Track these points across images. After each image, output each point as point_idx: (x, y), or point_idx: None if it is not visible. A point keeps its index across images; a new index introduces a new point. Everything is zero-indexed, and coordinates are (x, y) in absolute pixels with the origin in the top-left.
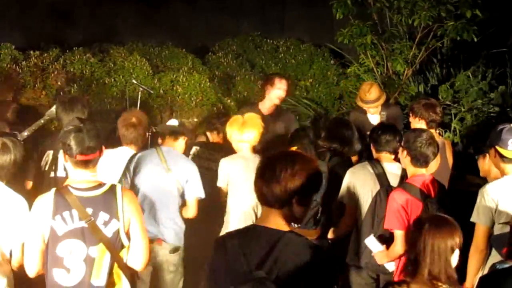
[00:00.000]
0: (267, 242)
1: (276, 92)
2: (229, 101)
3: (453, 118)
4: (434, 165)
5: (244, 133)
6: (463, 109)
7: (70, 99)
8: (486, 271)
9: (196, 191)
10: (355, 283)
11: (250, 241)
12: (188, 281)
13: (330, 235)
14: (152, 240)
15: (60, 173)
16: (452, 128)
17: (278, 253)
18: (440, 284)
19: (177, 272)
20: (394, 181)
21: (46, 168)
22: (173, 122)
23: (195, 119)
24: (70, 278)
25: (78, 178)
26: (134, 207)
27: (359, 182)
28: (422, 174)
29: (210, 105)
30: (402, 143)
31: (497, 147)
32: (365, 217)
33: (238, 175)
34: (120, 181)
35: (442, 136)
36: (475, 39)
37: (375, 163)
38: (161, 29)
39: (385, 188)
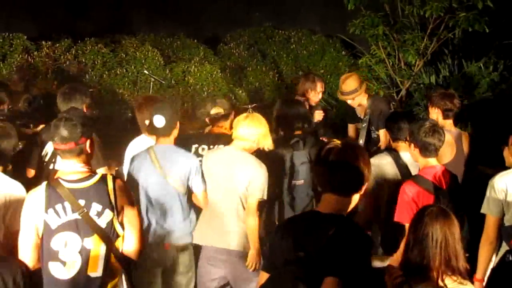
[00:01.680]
0: (317, 225)
1: (316, 97)
2: (240, 91)
3: None
4: (448, 155)
5: (240, 128)
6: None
7: (68, 88)
8: (497, 262)
9: (200, 185)
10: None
11: (303, 225)
12: None
13: None
14: (158, 244)
15: (59, 165)
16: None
17: (321, 235)
18: (452, 276)
19: (188, 273)
20: (414, 169)
21: (46, 159)
22: (159, 120)
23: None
24: (66, 271)
25: (67, 169)
26: (126, 196)
27: (379, 172)
28: (434, 166)
29: (222, 95)
30: (408, 137)
31: None
32: (387, 209)
33: (210, 167)
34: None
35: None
36: (487, 30)
37: (393, 152)
38: (173, 19)
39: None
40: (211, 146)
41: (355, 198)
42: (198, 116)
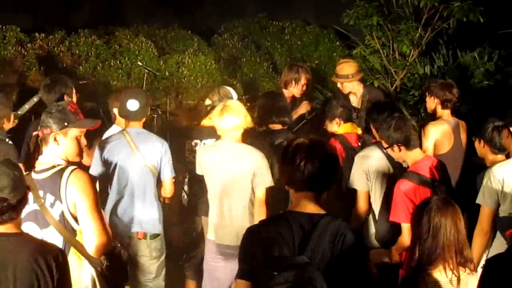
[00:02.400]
0: (306, 227)
1: (299, 89)
2: (234, 83)
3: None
4: (446, 145)
5: (222, 120)
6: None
7: (50, 79)
8: (491, 253)
9: (170, 171)
10: None
11: (288, 227)
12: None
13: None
14: (131, 235)
15: None
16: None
17: (319, 237)
18: (461, 267)
19: (159, 259)
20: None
21: (32, 151)
22: (133, 104)
23: (201, 101)
24: None
25: (42, 159)
26: (80, 188)
27: (371, 166)
28: (426, 158)
29: (216, 87)
30: (385, 143)
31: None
32: (382, 203)
33: (210, 165)
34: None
35: None
36: (481, 20)
37: (381, 144)
38: (166, 11)
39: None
40: (204, 140)
41: (325, 194)
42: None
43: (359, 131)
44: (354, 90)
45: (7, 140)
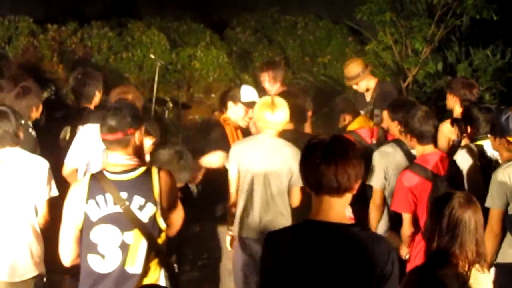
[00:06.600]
0: (333, 239)
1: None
2: (246, 77)
3: None
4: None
5: (275, 114)
6: (481, 88)
7: (84, 73)
8: (501, 251)
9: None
10: None
11: (313, 238)
12: None
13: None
14: None
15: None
16: None
17: (348, 250)
18: (476, 264)
19: None
20: None
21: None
22: None
23: (213, 95)
24: (105, 265)
25: (112, 161)
26: (172, 187)
27: (390, 163)
28: (431, 153)
29: (228, 80)
30: (402, 128)
31: (508, 138)
32: None
33: (246, 157)
34: None
35: None
36: (495, 18)
37: (400, 142)
38: (179, 3)
39: None
40: None
41: (349, 197)
42: None
43: (371, 124)
44: (370, 87)
45: (30, 130)
